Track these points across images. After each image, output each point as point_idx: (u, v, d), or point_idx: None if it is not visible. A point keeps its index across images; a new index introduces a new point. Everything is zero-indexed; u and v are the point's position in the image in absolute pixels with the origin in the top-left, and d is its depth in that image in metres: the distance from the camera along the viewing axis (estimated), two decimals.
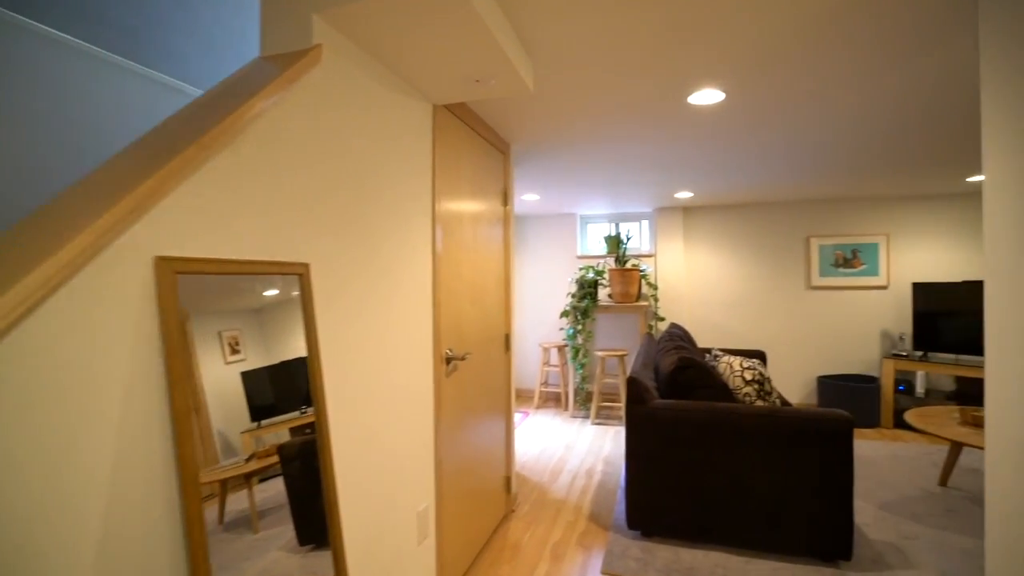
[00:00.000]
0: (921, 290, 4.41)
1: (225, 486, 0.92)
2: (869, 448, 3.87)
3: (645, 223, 5.58)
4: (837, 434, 2.23)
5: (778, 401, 2.69)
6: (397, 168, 1.64)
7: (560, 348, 5.12)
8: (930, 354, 4.45)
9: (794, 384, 4.99)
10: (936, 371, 4.18)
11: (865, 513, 2.83)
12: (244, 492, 0.95)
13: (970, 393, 4.33)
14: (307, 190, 1.21)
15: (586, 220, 5.73)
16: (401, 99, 1.66)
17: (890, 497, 3.04)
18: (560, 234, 5.62)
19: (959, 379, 4.44)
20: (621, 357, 4.60)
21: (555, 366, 5.32)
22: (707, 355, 3.06)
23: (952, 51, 1.72)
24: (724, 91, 2.06)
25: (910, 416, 3.01)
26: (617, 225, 5.64)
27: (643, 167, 3.45)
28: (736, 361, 2.60)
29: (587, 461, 3.66)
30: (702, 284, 5.22)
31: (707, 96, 2.10)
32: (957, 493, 3.09)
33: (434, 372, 1.88)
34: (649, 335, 4.10)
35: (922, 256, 4.75)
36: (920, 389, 4.40)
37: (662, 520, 2.47)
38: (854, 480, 2.28)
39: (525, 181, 3.92)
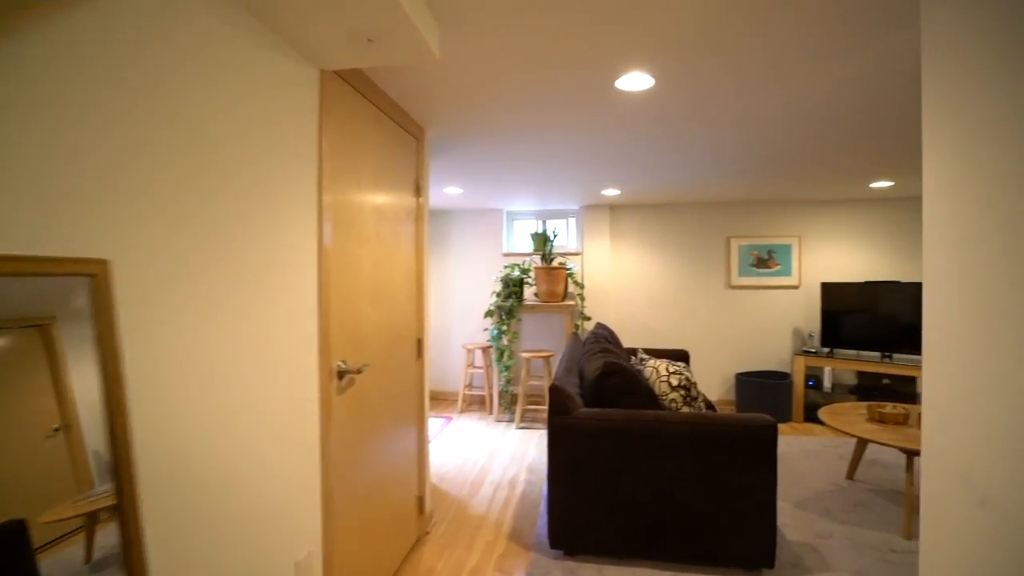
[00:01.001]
0: (828, 290, 4.61)
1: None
2: (784, 444, 3.96)
3: (572, 221, 5.47)
4: (760, 440, 2.16)
5: (703, 406, 2.61)
6: (265, 145, 1.32)
7: (485, 349, 4.89)
8: (835, 350, 4.66)
9: (714, 382, 5.08)
10: (840, 366, 4.37)
11: (783, 513, 2.83)
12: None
13: (868, 386, 4.58)
14: (111, 158, 0.88)
15: (513, 216, 5.54)
16: (270, 56, 1.34)
17: (804, 494, 3.09)
18: (486, 230, 5.39)
19: (859, 373, 4.70)
20: (547, 358, 4.45)
21: (480, 368, 5.09)
22: (633, 358, 2.95)
23: (888, 47, 1.66)
24: (653, 76, 1.90)
25: (823, 415, 3.07)
26: (544, 222, 5.49)
27: (570, 161, 3.29)
28: (662, 365, 2.49)
29: (510, 470, 3.46)
30: (628, 283, 5.19)
31: (636, 81, 1.94)
32: (862, 486, 3.19)
33: (321, 390, 1.58)
34: (575, 335, 3.97)
35: (830, 257, 4.98)
36: (827, 384, 4.61)
37: (586, 537, 2.30)
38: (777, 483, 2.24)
39: (446, 173, 3.64)
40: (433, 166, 3.44)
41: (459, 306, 5.43)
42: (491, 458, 3.69)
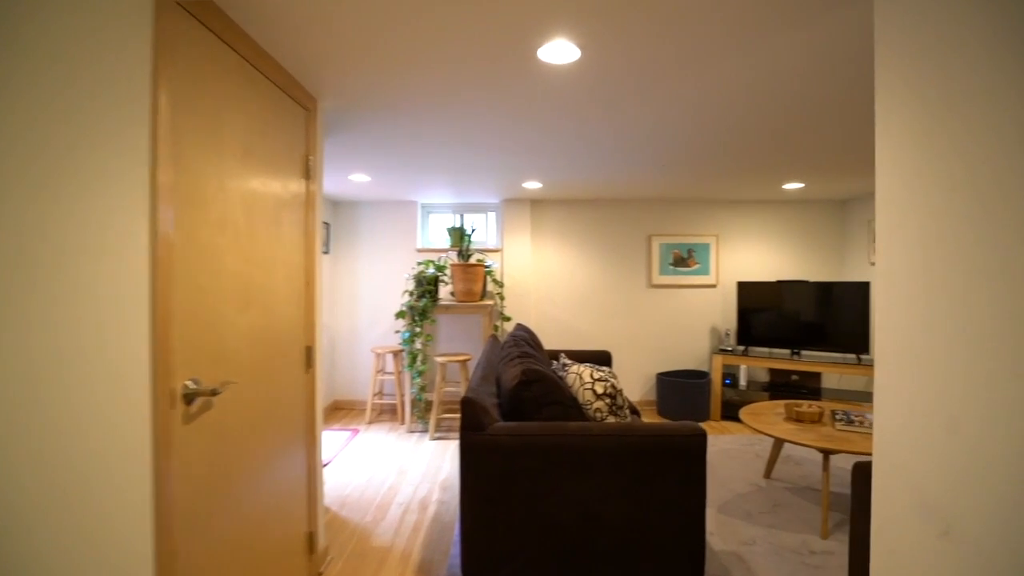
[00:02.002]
0: (744, 289, 4.70)
1: None
2: None
3: (492, 215, 5.22)
4: (690, 450, 2.00)
5: (628, 413, 2.44)
6: (58, 93, 0.92)
7: (396, 353, 4.51)
8: (750, 348, 4.77)
9: (636, 382, 5.04)
10: (754, 364, 4.46)
11: (708, 519, 2.75)
12: None
13: (779, 383, 4.73)
14: None
15: (428, 210, 5.19)
16: None
17: (726, 496, 3.03)
18: (399, 224, 5.00)
19: (771, 370, 4.84)
20: (464, 362, 4.15)
21: (391, 374, 4.70)
22: (555, 362, 2.74)
23: (822, 32, 1.53)
24: (579, 46, 1.67)
25: (745, 416, 3.03)
26: (462, 217, 5.19)
27: (489, 148, 3.02)
28: (586, 372, 2.28)
29: (422, 489, 3.13)
30: (549, 282, 5.02)
31: (560, 51, 1.70)
32: (779, 485, 3.20)
33: (155, 422, 1.18)
34: (494, 337, 3.71)
35: (745, 257, 5.10)
36: (743, 382, 4.70)
37: (505, 568, 2.04)
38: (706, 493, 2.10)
39: (351, 157, 3.24)
40: (335, 148, 3.02)
41: (369, 306, 4.99)
42: (401, 475, 3.33)
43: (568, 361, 2.50)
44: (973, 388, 0.87)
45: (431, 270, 4.45)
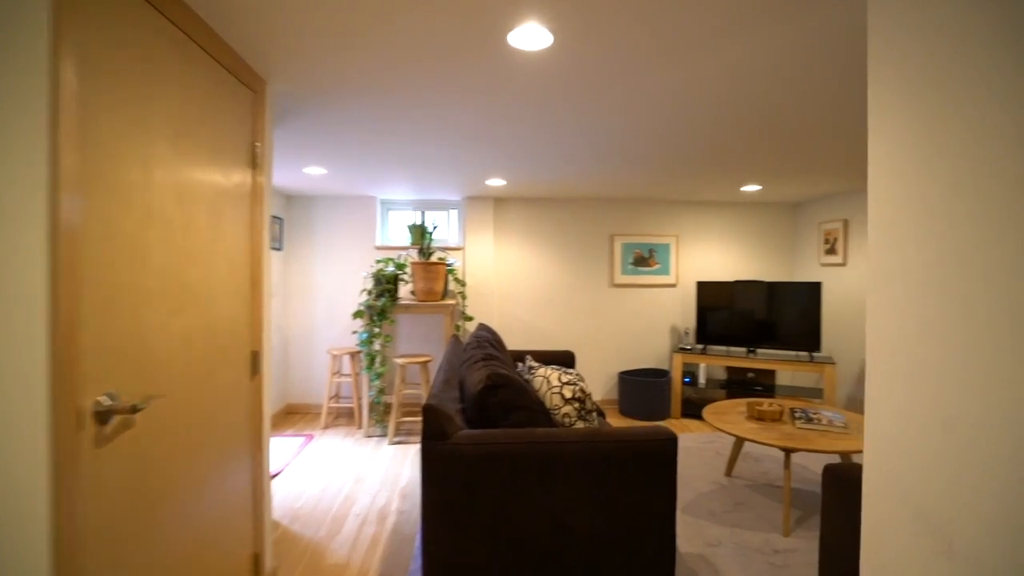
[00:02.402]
0: (703, 288, 4.75)
1: None
2: None
3: (454, 213, 5.08)
4: (662, 455, 1.95)
5: (596, 417, 2.37)
6: None
7: (354, 355, 4.31)
8: (708, 347, 4.83)
9: (598, 381, 5.02)
10: (713, 362, 4.52)
11: None
12: None
13: (736, 380, 4.81)
14: None
15: (388, 206, 4.99)
16: None
17: (690, 496, 3.03)
18: (357, 220, 4.79)
19: (729, 369, 4.92)
20: (425, 364, 4.00)
21: (348, 376, 4.49)
22: (520, 364, 2.64)
23: (796, 34, 1.50)
24: (552, 31, 1.57)
25: (708, 415, 3.03)
26: (423, 214, 5.03)
27: (454, 141, 2.89)
28: (554, 375, 2.19)
29: (380, 498, 2.97)
30: (512, 281, 4.93)
31: (531, 36, 1.60)
32: (740, 482, 3.22)
33: (55, 448, 1.00)
34: (456, 338, 3.59)
35: (704, 257, 5.16)
36: (702, 380, 4.75)
37: None
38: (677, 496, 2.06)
39: (306, 147, 3.04)
40: (287, 136, 2.82)
41: (325, 306, 4.76)
42: (358, 484, 3.16)
43: (534, 364, 2.41)
44: (971, 391, 0.83)
45: (390, 268, 4.28)
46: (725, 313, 4.68)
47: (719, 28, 1.55)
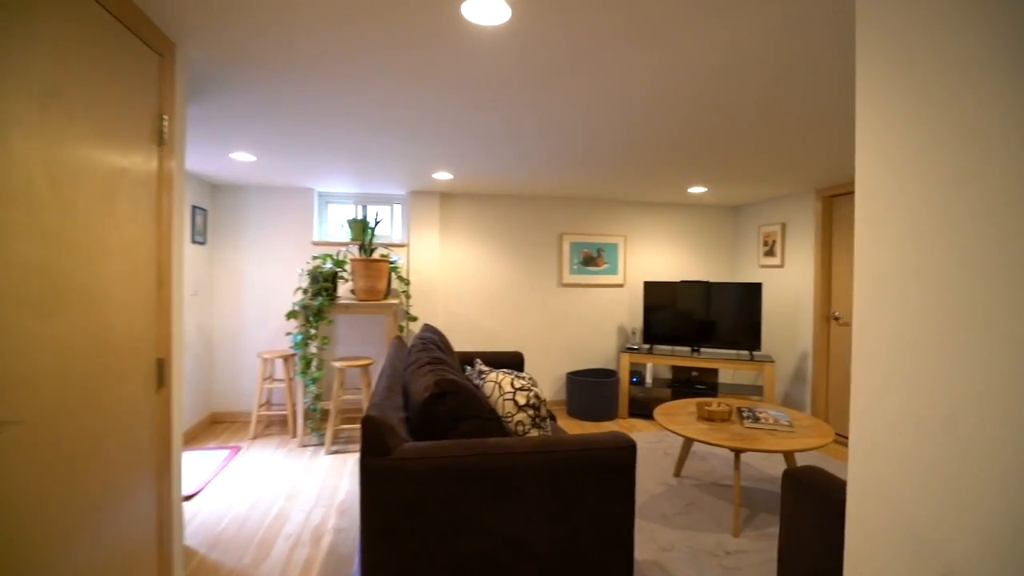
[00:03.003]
0: (650, 288, 4.77)
1: None
2: None
3: (398, 208, 4.84)
4: (620, 463, 1.86)
5: (549, 423, 2.25)
6: None
7: (287, 358, 3.99)
8: (655, 347, 4.86)
9: (546, 382, 4.93)
10: (659, 362, 4.53)
11: None
12: None
13: (681, 379, 4.86)
14: None
15: (327, 199, 4.68)
16: None
17: (640, 499, 2.98)
18: (293, 214, 4.45)
19: (674, 368, 4.97)
20: (365, 367, 3.76)
21: (281, 381, 4.16)
22: (468, 368, 2.48)
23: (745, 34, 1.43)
24: (510, 3, 1.43)
25: (659, 416, 2.99)
26: (365, 208, 4.76)
27: (398, 128, 2.68)
28: (506, 380, 2.05)
29: (315, 515, 2.72)
30: (458, 279, 4.75)
31: (489, 7, 1.44)
32: (689, 482, 3.21)
33: None
34: (399, 339, 3.38)
35: (651, 257, 5.19)
36: (649, 379, 4.76)
37: None
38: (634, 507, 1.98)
39: (231, 130, 2.73)
40: (209, 116, 2.52)
41: (256, 305, 4.39)
42: (291, 500, 2.89)
43: (484, 368, 2.26)
44: (972, 389, 0.76)
45: (328, 265, 3.99)
46: (671, 313, 4.72)
47: (700, 12, 1.46)
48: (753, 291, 4.42)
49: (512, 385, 2.02)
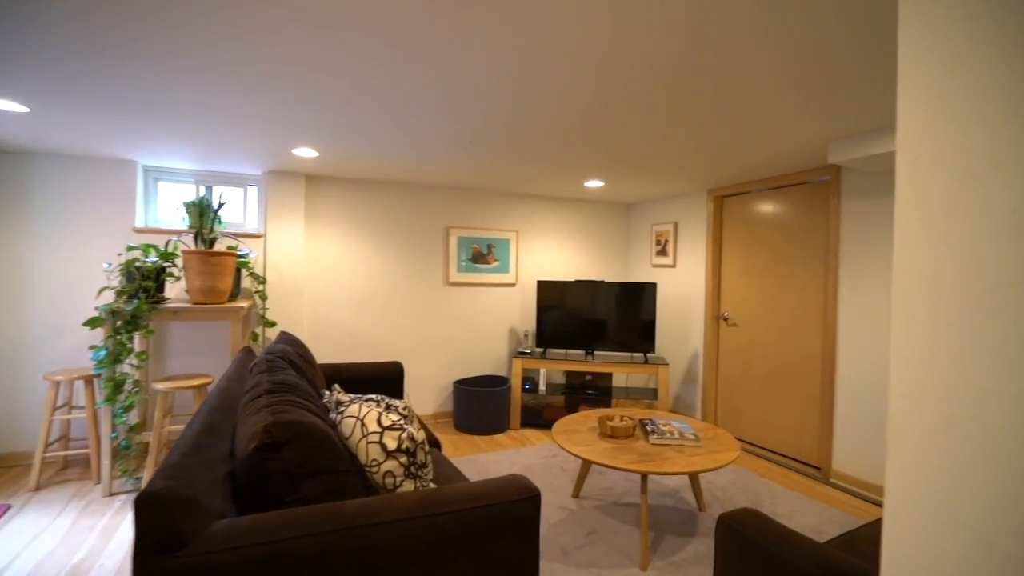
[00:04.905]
0: (543, 288, 4.47)
1: None
2: (507, 461, 3.53)
3: (253, 191, 4.03)
4: (522, 523, 1.44)
5: (431, 469, 1.78)
6: None
7: (89, 380, 3.06)
8: (548, 350, 4.57)
9: (430, 393, 4.43)
10: (553, 367, 4.25)
11: None
12: None
13: (575, 384, 4.64)
14: None
15: (157, 176, 3.74)
16: None
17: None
18: (104, 192, 3.47)
19: (568, 373, 4.73)
20: (201, 387, 2.98)
21: (81, 409, 3.19)
22: (327, 394, 1.92)
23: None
24: None
25: (559, 436, 2.65)
26: (210, 189, 3.89)
27: (247, 82, 2.02)
28: (371, 414, 1.54)
29: None
30: (328, 277, 4.06)
31: None
32: (589, 504, 2.92)
33: None
34: (247, 351, 2.68)
35: (545, 255, 4.91)
36: (543, 386, 4.47)
37: None
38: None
39: None
40: None
41: (45, 312, 3.34)
42: (82, 573, 2.10)
43: (345, 398, 1.71)
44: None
45: (152, 258, 3.12)
46: (565, 314, 4.46)
47: None
48: (648, 291, 4.30)
49: (379, 423, 1.52)
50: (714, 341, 4.23)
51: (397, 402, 1.74)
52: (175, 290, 3.54)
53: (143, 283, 2.98)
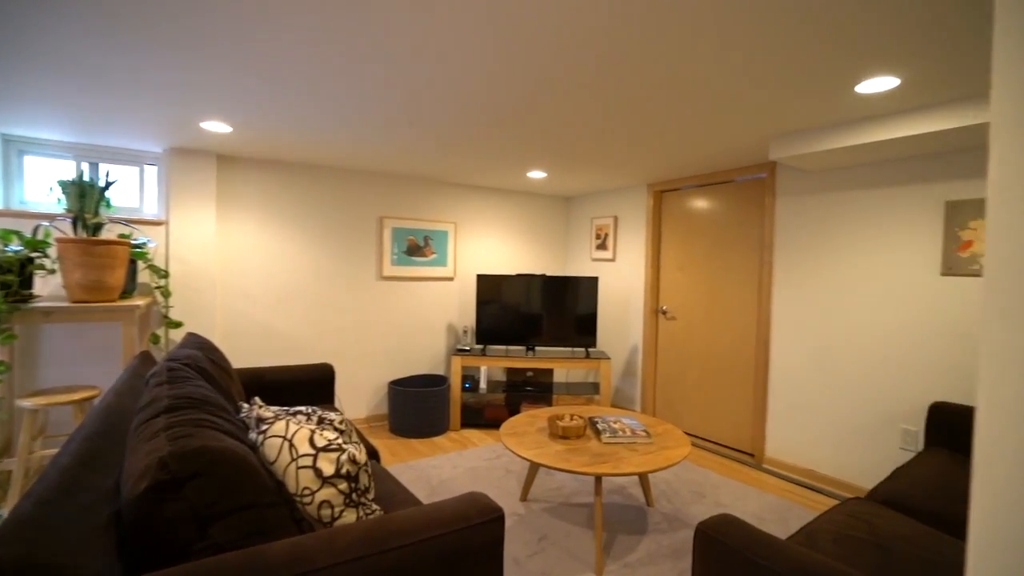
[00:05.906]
0: (483, 282, 4.28)
1: None
2: (449, 466, 3.32)
3: (152, 170, 3.51)
4: (485, 551, 1.26)
5: (373, 492, 1.54)
6: None
7: None
8: (488, 347, 4.40)
9: (363, 395, 4.11)
10: (493, 364, 4.08)
11: None
12: None
13: (516, 381, 4.50)
14: None
15: (22, 148, 3.14)
16: None
17: None
18: None
19: (508, 370, 4.58)
20: (84, 402, 2.52)
21: None
22: (245, 407, 1.61)
23: None
24: None
25: (507, 439, 2.49)
26: (95, 166, 3.34)
27: (147, 41, 1.65)
28: (302, 433, 1.29)
29: None
30: (245, 270, 3.63)
31: None
32: (538, 507, 2.78)
33: None
34: (144, 357, 2.27)
35: (485, 248, 4.71)
36: (483, 384, 4.29)
37: None
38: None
39: None
40: None
41: None
42: None
43: (268, 413, 1.43)
44: None
45: (14, 247, 2.60)
46: (505, 309, 4.30)
47: None
48: (590, 285, 4.24)
49: (311, 443, 1.26)
50: (653, 335, 4.25)
51: (332, 415, 1.48)
52: (50, 286, 2.99)
53: (3, 277, 2.46)
